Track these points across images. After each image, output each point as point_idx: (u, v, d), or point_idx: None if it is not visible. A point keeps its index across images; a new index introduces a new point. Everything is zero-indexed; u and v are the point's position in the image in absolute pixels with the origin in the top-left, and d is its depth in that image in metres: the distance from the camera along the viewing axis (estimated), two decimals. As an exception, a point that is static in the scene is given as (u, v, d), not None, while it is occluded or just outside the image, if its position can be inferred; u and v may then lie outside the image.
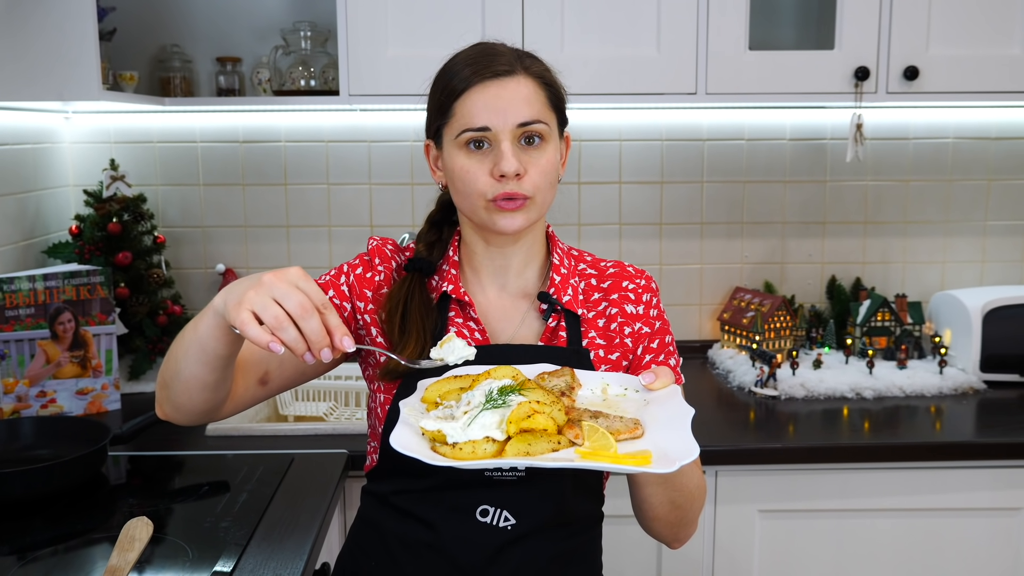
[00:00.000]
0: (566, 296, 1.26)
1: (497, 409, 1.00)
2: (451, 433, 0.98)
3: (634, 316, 1.28)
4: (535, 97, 1.18)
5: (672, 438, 0.99)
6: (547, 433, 0.98)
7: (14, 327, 1.91)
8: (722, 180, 2.50)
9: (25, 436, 1.71)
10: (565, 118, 1.26)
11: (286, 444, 1.81)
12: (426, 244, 1.31)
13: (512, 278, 1.28)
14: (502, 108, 1.16)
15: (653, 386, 1.10)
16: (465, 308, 1.26)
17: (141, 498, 1.59)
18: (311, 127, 2.43)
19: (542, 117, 1.18)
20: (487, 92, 1.16)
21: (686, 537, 1.27)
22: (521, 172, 1.16)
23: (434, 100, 1.23)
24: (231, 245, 2.48)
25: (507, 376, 1.08)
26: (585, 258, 1.35)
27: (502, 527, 1.18)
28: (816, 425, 1.98)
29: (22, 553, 1.34)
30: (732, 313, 2.45)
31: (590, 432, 0.99)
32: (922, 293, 2.54)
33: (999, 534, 1.91)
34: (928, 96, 2.12)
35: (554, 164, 1.21)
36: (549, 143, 1.20)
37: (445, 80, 1.21)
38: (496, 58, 1.19)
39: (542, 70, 1.22)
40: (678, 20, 2.07)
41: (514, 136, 1.17)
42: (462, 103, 1.18)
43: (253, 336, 0.97)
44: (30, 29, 1.85)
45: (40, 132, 2.27)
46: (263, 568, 1.29)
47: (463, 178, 1.19)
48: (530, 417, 0.98)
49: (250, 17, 2.38)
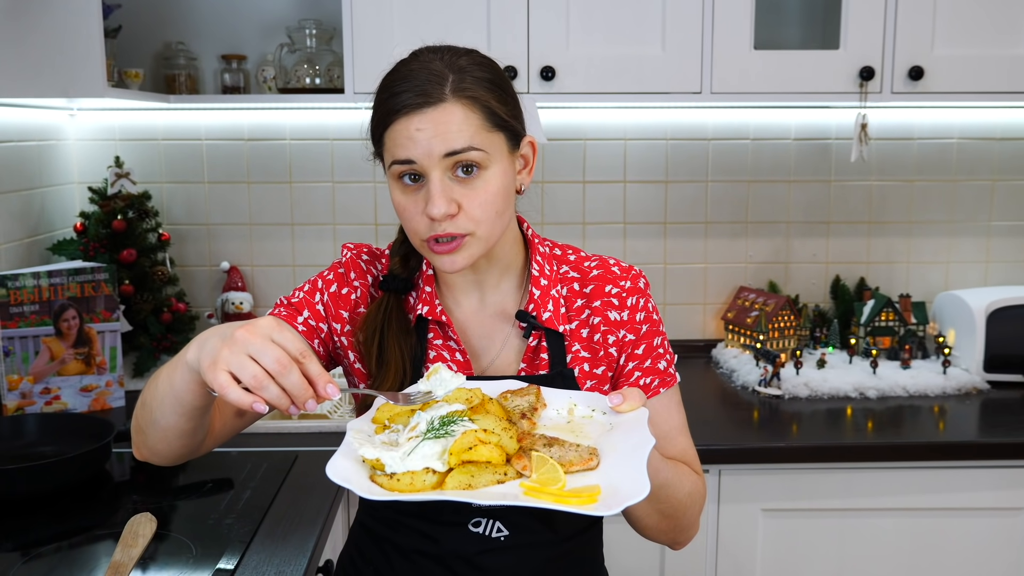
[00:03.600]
0: (546, 313, 1.19)
1: (439, 439, 0.95)
2: (389, 463, 0.92)
3: (618, 323, 1.22)
4: (466, 123, 1.07)
5: (625, 474, 0.92)
6: (491, 464, 0.93)
7: (19, 324, 1.92)
8: (727, 180, 2.50)
9: (29, 433, 1.72)
10: (516, 130, 1.14)
11: (290, 442, 1.82)
12: (401, 257, 1.24)
13: (489, 293, 1.23)
14: (425, 140, 1.06)
15: (621, 408, 1.03)
16: (444, 328, 1.20)
17: (145, 495, 1.60)
18: (316, 125, 2.44)
19: (475, 143, 1.08)
20: (411, 123, 1.07)
21: (686, 540, 1.24)
22: (453, 211, 1.08)
23: (371, 125, 1.16)
24: (236, 243, 2.48)
25: (461, 398, 1.02)
26: (568, 258, 1.26)
27: (495, 537, 1.16)
28: (819, 425, 1.97)
29: (26, 549, 1.35)
30: (736, 312, 2.44)
31: (538, 463, 0.93)
32: (926, 293, 2.54)
33: (1002, 534, 1.90)
34: (933, 96, 2.12)
35: (498, 190, 1.11)
36: (490, 169, 1.10)
37: (376, 105, 1.14)
38: (417, 84, 1.08)
39: (476, 86, 1.10)
40: (683, 19, 2.07)
41: (444, 167, 1.08)
42: (389, 134, 1.10)
43: (234, 399, 0.92)
44: (36, 26, 1.85)
45: (45, 129, 2.28)
46: (266, 565, 1.29)
47: (402, 214, 1.13)
48: (471, 449, 0.93)
49: (255, 15, 2.38)
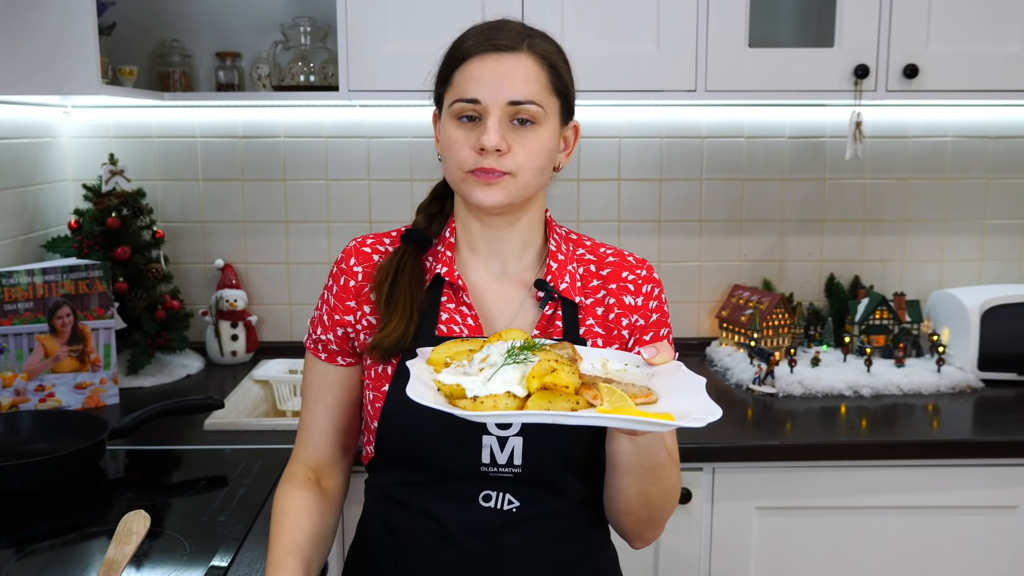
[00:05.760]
0: (563, 283, 1.23)
1: (518, 365, 0.98)
2: (471, 387, 0.96)
3: (632, 308, 1.25)
4: (534, 77, 1.15)
5: (690, 402, 0.96)
6: (567, 391, 0.96)
7: (13, 321, 1.91)
8: (721, 177, 2.50)
9: (23, 430, 1.71)
10: (570, 105, 1.23)
11: (284, 439, 1.81)
12: (426, 216, 1.29)
13: (511, 262, 1.26)
14: (495, 83, 1.14)
15: (655, 360, 1.06)
16: (457, 292, 1.23)
17: (139, 492, 1.60)
18: (310, 122, 2.43)
19: (537, 99, 1.15)
20: (484, 65, 1.15)
21: (652, 538, 1.25)
22: (503, 148, 1.14)
23: (441, 67, 1.22)
24: (230, 240, 2.48)
25: (520, 338, 1.06)
26: (584, 243, 1.31)
27: (506, 509, 1.17)
28: (814, 423, 1.98)
29: (20, 546, 1.35)
30: (730, 311, 2.45)
31: (608, 393, 0.96)
32: (920, 291, 2.54)
33: (996, 532, 1.91)
34: (927, 94, 2.12)
35: (545, 148, 1.17)
36: (543, 127, 1.17)
37: (452, 48, 1.21)
38: (502, 32, 1.17)
39: (548, 51, 1.19)
40: (678, 17, 2.07)
41: (504, 113, 1.14)
42: (460, 72, 1.17)
43: None
44: (30, 23, 1.84)
45: (39, 126, 2.27)
46: (260, 562, 1.29)
47: (448, 147, 1.18)
48: (553, 372, 0.95)
49: (250, 12, 2.38)
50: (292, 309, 2.52)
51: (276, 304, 2.51)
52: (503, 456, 1.15)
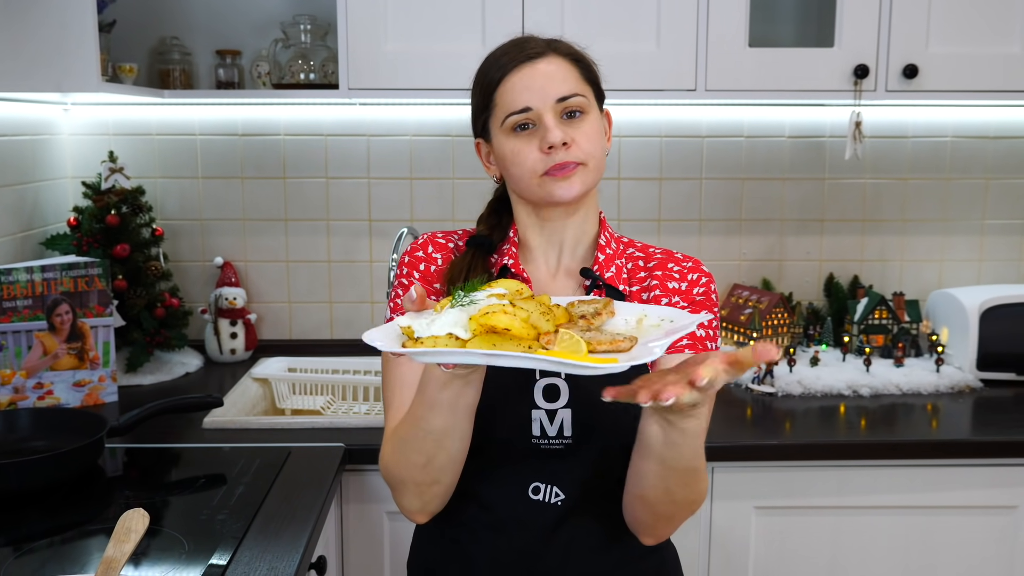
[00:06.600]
0: (609, 272, 1.28)
1: (464, 308, 0.99)
2: (417, 328, 0.98)
3: (675, 291, 1.28)
4: (569, 73, 1.23)
5: (643, 348, 0.94)
6: (512, 335, 0.95)
7: (11, 318, 1.91)
8: (721, 177, 2.50)
9: (22, 428, 1.71)
10: (602, 93, 1.30)
11: (283, 437, 1.81)
12: (488, 226, 1.33)
13: (566, 254, 1.30)
14: (539, 87, 1.20)
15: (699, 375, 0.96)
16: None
17: (137, 490, 1.59)
18: (310, 121, 2.43)
19: (579, 90, 1.23)
20: (522, 75, 1.21)
21: (663, 535, 1.25)
22: (568, 141, 1.20)
23: (476, 97, 1.28)
24: (229, 238, 2.48)
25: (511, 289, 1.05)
26: (635, 243, 1.37)
27: (553, 503, 1.21)
28: (813, 422, 1.98)
29: (18, 544, 1.35)
30: (730, 310, 2.45)
31: (562, 338, 0.96)
32: (920, 291, 2.54)
33: (995, 532, 1.91)
34: (927, 94, 2.12)
35: (599, 132, 1.25)
36: (590, 114, 1.24)
37: (482, 75, 1.26)
38: (527, 43, 1.24)
39: (572, 49, 1.27)
40: (678, 16, 2.07)
41: (556, 112, 1.21)
42: (501, 91, 1.22)
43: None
44: (29, 20, 1.84)
45: (39, 123, 2.27)
46: (259, 561, 1.29)
47: (514, 160, 1.22)
48: (487, 315, 0.95)
49: (250, 10, 2.38)
50: (291, 307, 2.52)
51: (275, 302, 2.51)
52: (552, 428, 1.20)
